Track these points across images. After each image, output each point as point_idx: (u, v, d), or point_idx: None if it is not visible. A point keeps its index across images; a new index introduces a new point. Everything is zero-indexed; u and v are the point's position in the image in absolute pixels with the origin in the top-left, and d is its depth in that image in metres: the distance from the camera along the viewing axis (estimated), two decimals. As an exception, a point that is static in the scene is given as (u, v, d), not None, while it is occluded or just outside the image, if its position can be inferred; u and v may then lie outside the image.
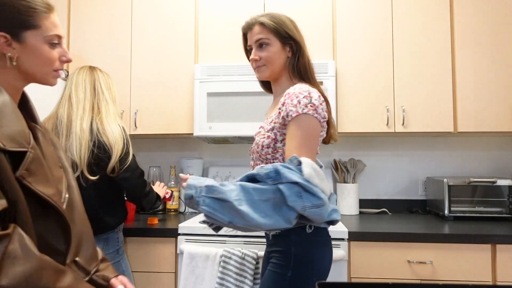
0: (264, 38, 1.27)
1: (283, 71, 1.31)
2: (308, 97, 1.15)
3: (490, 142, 2.46)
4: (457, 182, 2.13)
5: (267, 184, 1.07)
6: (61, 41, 0.98)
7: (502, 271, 1.72)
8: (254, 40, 1.29)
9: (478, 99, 2.12)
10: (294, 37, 1.29)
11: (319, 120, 1.14)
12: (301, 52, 1.30)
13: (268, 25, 1.27)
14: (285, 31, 1.28)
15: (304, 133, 1.13)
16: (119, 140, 1.55)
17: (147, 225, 1.96)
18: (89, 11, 2.37)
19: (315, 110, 1.14)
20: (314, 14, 2.23)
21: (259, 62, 1.29)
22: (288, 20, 1.32)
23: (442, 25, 2.16)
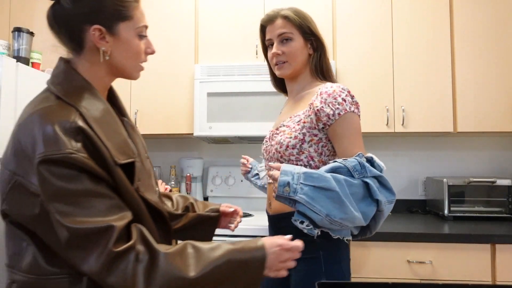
0: (287, 32, 1.21)
1: (303, 69, 1.26)
2: (349, 95, 1.14)
3: (490, 142, 2.46)
4: (457, 182, 2.13)
5: (353, 177, 1.02)
6: (146, 32, 0.93)
7: (501, 271, 1.72)
8: (276, 34, 1.23)
9: (478, 99, 2.12)
10: (317, 34, 1.25)
11: (359, 117, 1.15)
12: (323, 50, 1.26)
13: (293, 19, 1.22)
14: (308, 27, 1.24)
15: (355, 131, 1.12)
16: None
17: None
18: (89, 11, 2.37)
19: (357, 108, 1.14)
20: (314, 14, 2.22)
21: (281, 57, 1.23)
22: (310, 17, 1.28)
23: (442, 25, 2.16)
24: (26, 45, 2.09)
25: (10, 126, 1.87)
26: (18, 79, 1.93)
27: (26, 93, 1.98)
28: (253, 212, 2.35)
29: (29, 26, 2.27)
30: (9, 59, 1.90)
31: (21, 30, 2.07)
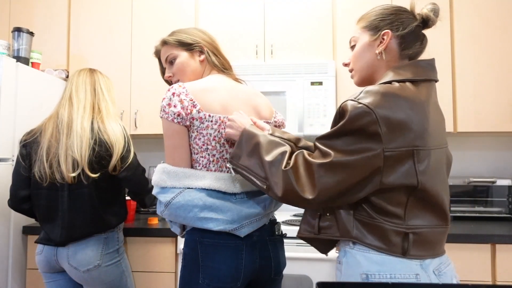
0: (169, 54, 1.30)
1: (200, 76, 1.32)
2: (163, 99, 1.14)
3: (490, 142, 2.46)
4: (457, 182, 2.13)
5: None
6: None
7: (501, 271, 1.72)
8: (164, 61, 1.34)
9: (478, 99, 2.12)
10: (199, 41, 1.30)
11: (167, 119, 1.13)
12: (213, 50, 1.33)
13: (170, 42, 1.31)
14: (189, 38, 1.30)
15: (164, 136, 1.16)
16: (120, 138, 1.56)
17: (147, 225, 1.96)
18: (89, 11, 2.37)
19: (164, 111, 1.13)
20: (314, 14, 2.23)
21: (173, 78, 1.33)
22: (189, 29, 1.35)
23: (442, 25, 2.16)
24: (26, 45, 2.10)
25: (10, 125, 1.88)
26: (18, 79, 1.93)
27: (26, 93, 1.99)
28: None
29: (29, 26, 2.28)
30: (9, 59, 1.90)
31: (21, 30, 2.08)
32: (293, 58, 2.22)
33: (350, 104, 0.91)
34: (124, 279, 1.63)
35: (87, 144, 1.49)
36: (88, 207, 1.53)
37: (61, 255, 1.54)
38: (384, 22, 1.03)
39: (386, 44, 1.02)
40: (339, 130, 0.91)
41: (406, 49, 1.03)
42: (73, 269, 1.53)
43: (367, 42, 1.05)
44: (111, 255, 1.59)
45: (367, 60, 1.06)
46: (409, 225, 0.93)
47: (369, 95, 0.91)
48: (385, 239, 0.93)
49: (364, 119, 0.88)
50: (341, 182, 0.89)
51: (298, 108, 2.12)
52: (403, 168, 0.90)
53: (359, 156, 0.88)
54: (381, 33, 1.02)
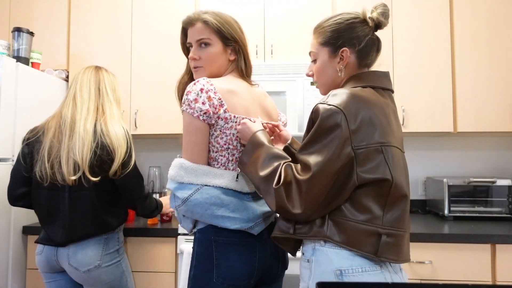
0: (205, 38, 1.23)
1: (222, 73, 1.27)
2: (189, 92, 1.12)
3: (490, 142, 2.46)
4: (457, 182, 2.13)
5: None
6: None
7: (501, 271, 1.72)
8: (195, 39, 1.25)
9: (478, 99, 2.12)
10: (239, 40, 1.26)
11: (192, 114, 1.11)
12: (245, 54, 1.28)
13: (212, 25, 1.23)
14: (229, 33, 1.24)
15: (184, 130, 1.15)
16: (123, 143, 1.54)
17: (147, 225, 1.96)
18: (89, 11, 2.37)
19: (189, 106, 1.11)
20: (314, 14, 2.23)
21: (198, 62, 1.25)
22: (233, 21, 1.28)
23: (442, 25, 2.16)
24: (26, 45, 2.10)
25: (10, 125, 1.88)
26: (18, 79, 1.93)
27: (26, 93, 1.99)
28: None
29: (29, 26, 2.28)
30: (9, 59, 1.90)
31: (21, 30, 2.07)
32: (293, 58, 2.22)
33: (321, 107, 0.97)
34: (124, 279, 1.63)
35: (88, 147, 1.48)
36: (89, 209, 1.52)
37: (62, 255, 1.54)
38: (341, 39, 1.09)
39: (346, 61, 1.09)
40: (313, 134, 0.97)
41: (364, 60, 1.11)
42: (73, 269, 1.53)
43: (327, 59, 1.11)
44: (111, 256, 1.58)
45: (329, 75, 1.12)
46: (385, 226, 0.97)
47: (337, 97, 0.99)
48: (358, 239, 0.96)
49: (334, 118, 0.95)
50: (323, 188, 0.94)
51: (298, 108, 2.12)
52: (374, 163, 0.96)
53: (331, 150, 0.94)
54: (339, 51, 1.09)
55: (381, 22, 1.09)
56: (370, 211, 0.97)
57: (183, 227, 1.22)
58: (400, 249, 0.99)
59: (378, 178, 0.95)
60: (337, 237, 0.97)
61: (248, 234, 1.15)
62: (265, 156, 1.05)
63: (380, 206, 0.97)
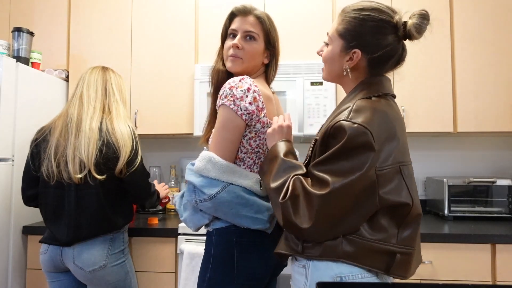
0: (255, 32, 1.24)
1: (252, 72, 1.28)
2: (234, 87, 1.10)
3: (490, 142, 2.46)
4: (457, 182, 2.13)
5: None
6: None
7: (501, 271, 1.72)
8: (244, 29, 1.25)
9: (478, 99, 2.12)
10: (277, 48, 1.31)
11: (235, 111, 1.10)
12: (277, 62, 1.34)
13: (264, 23, 1.27)
14: (273, 37, 1.30)
15: (220, 124, 1.12)
16: (128, 141, 1.54)
17: (147, 225, 1.96)
18: (89, 11, 2.37)
19: (234, 102, 1.09)
20: (314, 13, 2.23)
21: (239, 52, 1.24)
22: (277, 28, 1.34)
23: (442, 25, 2.16)
24: (26, 45, 2.10)
25: (10, 125, 1.88)
26: (18, 79, 1.93)
27: (26, 93, 1.99)
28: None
29: (29, 26, 2.28)
30: (9, 59, 1.90)
31: (21, 30, 2.07)
32: (293, 58, 2.22)
33: (346, 125, 0.90)
34: (128, 279, 1.62)
35: (94, 146, 1.49)
36: (95, 207, 1.52)
37: (67, 255, 1.53)
38: (357, 39, 0.99)
39: (355, 64, 1.01)
40: (337, 152, 0.90)
41: (376, 69, 1.02)
42: (78, 269, 1.52)
43: (338, 52, 1.03)
44: (116, 256, 1.58)
45: (335, 69, 1.06)
46: (399, 245, 0.93)
47: (360, 113, 0.92)
48: (372, 257, 0.92)
49: (361, 138, 0.89)
50: (341, 208, 0.89)
51: (298, 108, 2.11)
52: (393, 185, 0.92)
53: (359, 172, 0.88)
54: (351, 50, 1.00)
55: (411, 35, 0.99)
56: (386, 230, 0.93)
57: (191, 222, 1.18)
58: (409, 266, 0.96)
59: (401, 202, 0.92)
60: (351, 257, 0.92)
61: (264, 234, 1.16)
62: (279, 167, 1.00)
63: (396, 225, 0.94)
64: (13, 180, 1.89)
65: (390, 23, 0.98)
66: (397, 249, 0.93)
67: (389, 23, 0.98)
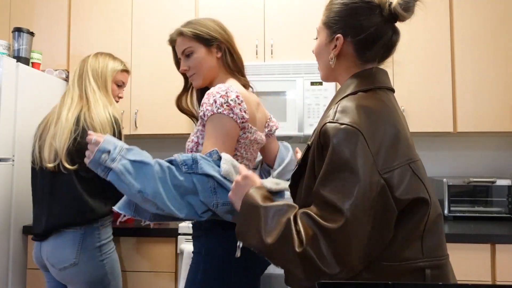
0: (187, 47, 1.25)
1: (216, 73, 1.28)
2: (224, 97, 1.11)
3: (489, 142, 2.46)
4: (457, 182, 2.13)
5: (180, 170, 1.05)
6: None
7: (501, 270, 1.72)
8: (180, 52, 1.28)
9: (478, 99, 2.12)
10: (218, 37, 1.26)
11: (235, 120, 1.12)
12: (230, 48, 1.29)
13: (187, 34, 1.25)
14: (207, 33, 1.25)
15: (219, 133, 1.11)
16: (108, 129, 1.48)
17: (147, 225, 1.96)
18: (89, 11, 2.37)
19: (231, 110, 1.11)
20: (314, 13, 2.23)
21: (189, 72, 1.28)
22: (209, 22, 1.29)
23: (442, 25, 2.16)
24: (26, 45, 2.10)
25: (10, 125, 1.88)
26: (18, 79, 1.93)
27: (26, 93, 1.99)
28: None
29: (29, 26, 2.28)
30: (9, 59, 1.90)
31: (21, 30, 2.07)
32: (293, 58, 2.22)
33: (330, 128, 0.79)
34: (106, 281, 1.51)
35: (67, 136, 1.46)
36: (69, 194, 1.47)
37: (43, 252, 1.50)
38: (338, 24, 0.93)
39: (338, 50, 0.93)
40: (329, 165, 0.78)
41: (365, 54, 0.93)
42: (51, 266, 1.48)
43: (324, 42, 0.97)
44: (90, 253, 1.47)
45: (323, 61, 0.99)
46: (427, 258, 0.81)
47: (346, 113, 0.81)
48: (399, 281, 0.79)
49: (351, 141, 0.76)
50: (363, 234, 0.74)
51: (298, 108, 2.12)
52: (406, 183, 0.79)
53: (358, 184, 0.75)
54: (334, 36, 0.93)
55: (397, 14, 0.90)
56: (408, 245, 0.79)
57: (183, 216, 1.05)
58: (448, 280, 0.83)
59: (417, 198, 0.79)
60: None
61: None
62: (265, 218, 0.82)
63: (418, 234, 0.80)
64: (13, 180, 1.89)
65: (372, 3, 0.91)
66: (426, 263, 0.80)
67: (371, 3, 0.91)
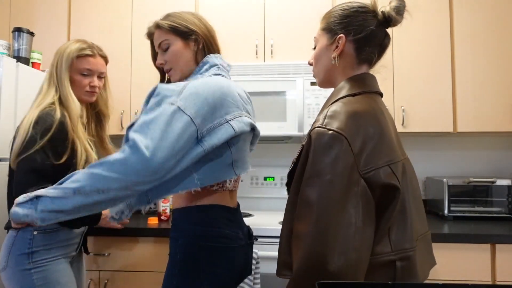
0: (164, 40, 1.22)
1: (193, 67, 1.24)
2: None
3: (489, 142, 2.46)
4: (457, 182, 2.13)
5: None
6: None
7: (501, 270, 1.73)
8: (157, 46, 1.25)
9: (478, 99, 2.13)
10: (196, 30, 1.23)
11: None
12: (209, 42, 1.26)
13: (164, 26, 1.23)
14: (184, 26, 1.23)
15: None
16: (23, 132, 1.33)
17: (147, 225, 1.96)
18: (89, 11, 2.37)
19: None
20: (314, 13, 2.24)
21: (166, 65, 1.24)
22: (187, 15, 1.27)
23: (442, 25, 2.16)
24: (26, 45, 2.10)
25: (10, 125, 1.88)
26: (19, 79, 1.93)
27: (26, 93, 1.98)
28: (253, 212, 2.35)
29: (29, 26, 2.28)
30: (9, 59, 1.90)
31: (21, 30, 2.07)
32: (293, 58, 2.22)
33: (320, 132, 0.86)
34: None
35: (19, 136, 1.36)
36: (6, 196, 1.40)
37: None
38: (340, 25, 1.01)
39: (341, 49, 1.00)
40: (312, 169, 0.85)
41: (363, 53, 1.00)
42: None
43: (325, 45, 1.04)
44: (18, 259, 1.31)
45: (324, 64, 1.04)
46: (397, 249, 0.86)
47: (334, 118, 0.87)
48: (373, 277, 0.84)
49: (335, 146, 0.83)
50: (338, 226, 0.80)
51: (298, 108, 2.12)
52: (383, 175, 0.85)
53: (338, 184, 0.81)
54: (336, 37, 1.00)
55: (391, 17, 0.97)
56: (381, 237, 0.85)
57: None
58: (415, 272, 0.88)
59: (387, 184, 0.84)
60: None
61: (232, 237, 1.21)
62: None
63: (385, 225, 0.86)
64: (13, 180, 1.89)
65: (366, 7, 1.01)
66: (394, 257, 0.85)
67: (366, 7, 1.01)
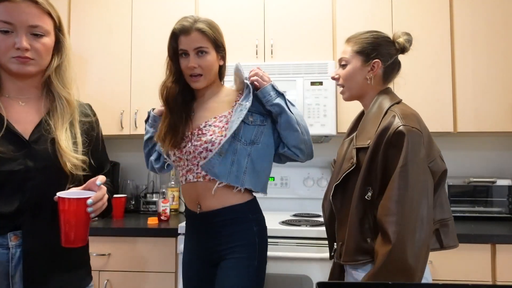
0: (204, 46, 1.29)
1: (214, 78, 1.39)
2: None
3: (490, 142, 2.46)
4: (457, 182, 2.13)
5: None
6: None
7: (501, 271, 1.72)
8: (192, 47, 1.30)
9: (478, 99, 2.12)
10: (225, 47, 1.37)
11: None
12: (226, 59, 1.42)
13: (209, 34, 1.30)
14: (220, 41, 1.35)
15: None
16: None
17: (147, 225, 1.96)
18: (89, 11, 2.37)
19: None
20: (314, 13, 2.23)
21: (197, 70, 1.31)
22: (220, 28, 1.38)
23: (442, 25, 2.16)
24: (26, 45, 2.09)
25: (10, 126, 1.87)
26: (18, 79, 1.92)
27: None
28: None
29: (29, 26, 2.28)
30: (9, 59, 1.90)
31: (21, 30, 2.07)
32: (293, 58, 2.22)
33: (407, 129, 1.06)
34: None
35: None
36: None
37: None
38: (375, 51, 1.22)
39: (376, 72, 1.22)
40: (406, 159, 1.06)
41: (389, 76, 1.26)
42: None
43: (359, 66, 1.23)
44: None
45: (358, 82, 1.24)
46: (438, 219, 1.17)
47: (409, 118, 1.09)
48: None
49: (420, 141, 1.07)
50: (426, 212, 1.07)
51: (298, 108, 2.11)
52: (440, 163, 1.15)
53: (422, 182, 1.07)
54: (372, 61, 1.21)
55: (405, 48, 1.23)
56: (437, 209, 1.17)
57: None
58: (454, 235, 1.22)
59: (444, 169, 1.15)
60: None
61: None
62: None
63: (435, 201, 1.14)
64: (13, 180, 1.88)
65: (389, 38, 1.26)
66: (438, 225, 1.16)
67: (389, 38, 1.26)
